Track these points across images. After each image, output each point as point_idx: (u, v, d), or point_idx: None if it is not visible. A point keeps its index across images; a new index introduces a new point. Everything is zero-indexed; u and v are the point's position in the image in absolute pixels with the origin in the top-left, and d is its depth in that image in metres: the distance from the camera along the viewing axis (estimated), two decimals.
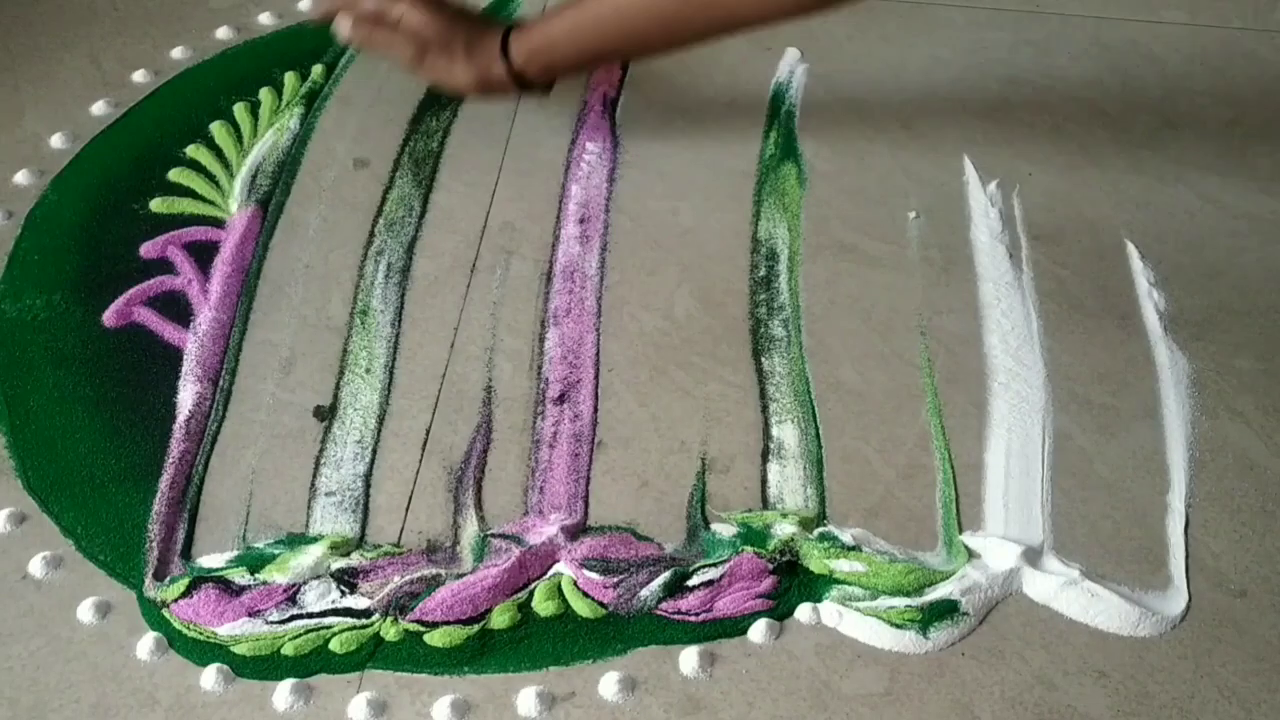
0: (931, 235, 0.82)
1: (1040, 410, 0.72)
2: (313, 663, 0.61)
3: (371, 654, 0.61)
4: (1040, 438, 0.71)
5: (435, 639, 0.62)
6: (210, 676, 0.60)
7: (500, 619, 0.62)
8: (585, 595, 0.63)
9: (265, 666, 0.61)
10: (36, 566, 0.65)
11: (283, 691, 0.60)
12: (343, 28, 0.80)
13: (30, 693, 0.60)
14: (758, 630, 0.62)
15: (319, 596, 0.63)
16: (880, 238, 0.82)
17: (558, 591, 0.64)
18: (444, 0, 0.81)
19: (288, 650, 0.61)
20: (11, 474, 0.69)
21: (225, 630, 0.62)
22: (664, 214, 0.84)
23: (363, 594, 0.62)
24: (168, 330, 0.76)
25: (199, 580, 0.63)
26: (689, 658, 0.61)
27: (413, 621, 0.62)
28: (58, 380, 0.73)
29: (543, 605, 0.63)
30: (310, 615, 0.62)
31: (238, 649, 0.61)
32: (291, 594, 0.63)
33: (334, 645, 0.61)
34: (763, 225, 0.83)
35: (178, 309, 0.77)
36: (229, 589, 0.63)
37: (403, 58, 0.80)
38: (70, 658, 0.61)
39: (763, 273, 0.80)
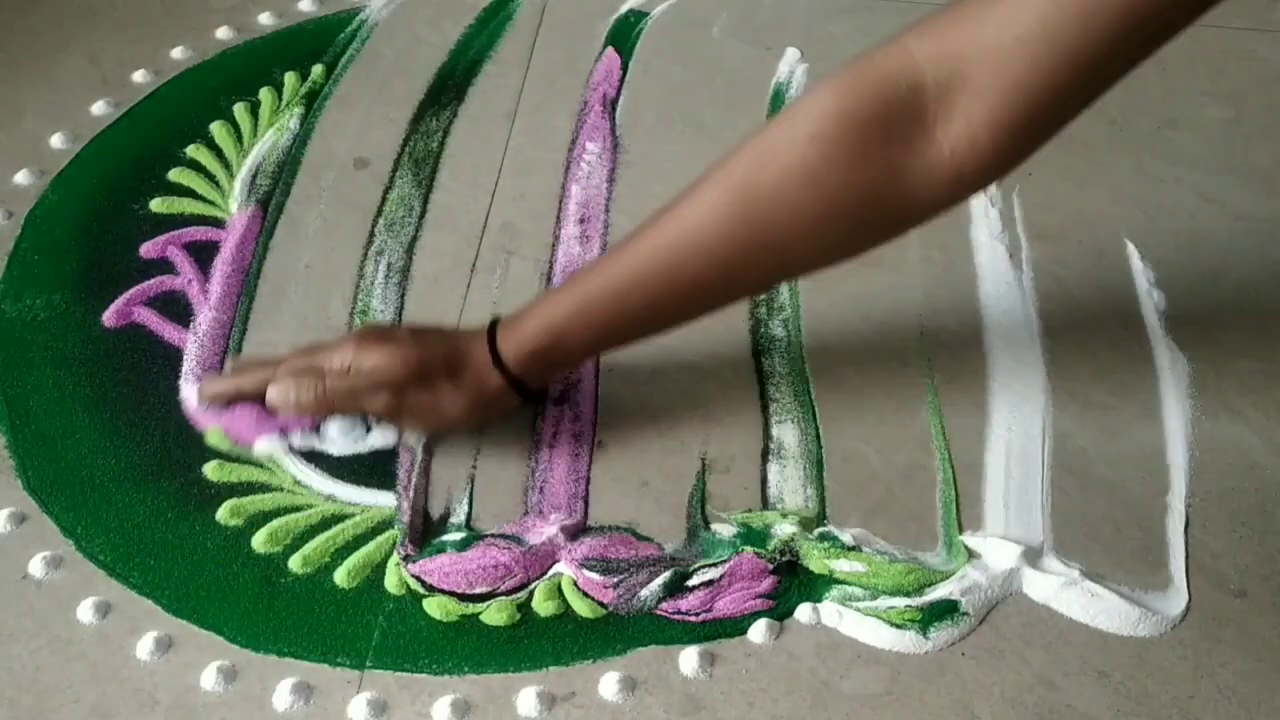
0: (931, 235, 0.82)
1: (1040, 410, 0.72)
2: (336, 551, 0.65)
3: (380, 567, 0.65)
4: (1040, 438, 0.71)
5: (432, 608, 0.63)
6: (210, 676, 0.60)
7: (498, 617, 0.63)
8: (585, 595, 0.63)
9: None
10: (36, 566, 0.65)
11: (282, 691, 0.60)
12: (277, 397, 0.66)
13: (30, 693, 0.60)
14: (758, 630, 0.62)
15: (343, 432, 0.68)
16: None
17: (558, 591, 0.64)
18: (385, 328, 0.69)
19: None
20: (11, 474, 0.69)
21: (260, 446, 0.68)
22: None
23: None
24: (168, 330, 0.76)
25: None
26: (689, 658, 0.61)
27: (415, 576, 0.63)
28: (58, 380, 0.73)
29: (543, 605, 0.63)
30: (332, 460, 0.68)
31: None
32: (317, 424, 0.68)
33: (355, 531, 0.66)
34: None
35: (178, 309, 0.77)
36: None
37: (374, 409, 0.66)
38: (70, 658, 0.61)
39: None
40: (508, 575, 0.64)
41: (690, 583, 0.63)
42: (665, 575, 0.63)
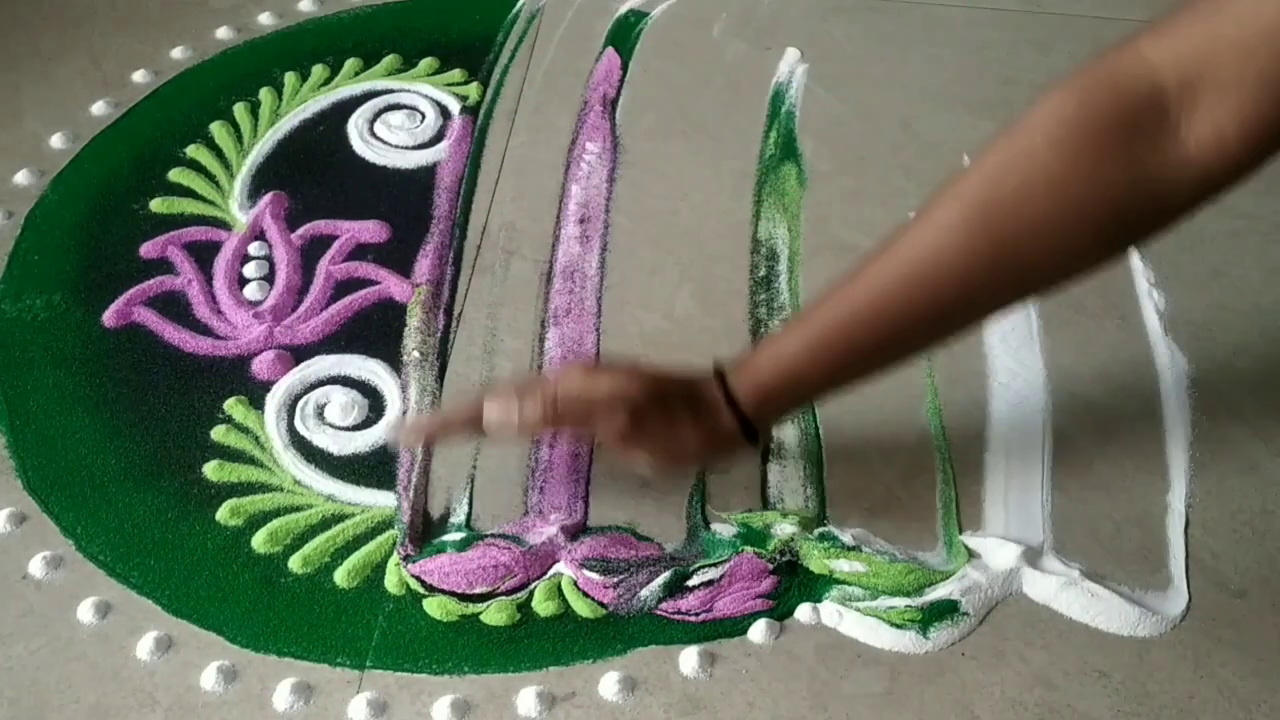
0: None
1: (1040, 410, 0.72)
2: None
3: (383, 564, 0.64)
4: (1040, 438, 0.70)
5: (432, 608, 0.63)
6: (210, 676, 0.60)
7: (498, 617, 0.63)
8: (585, 595, 0.63)
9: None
10: (36, 566, 0.65)
11: (282, 691, 0.60)
12: (498, 414, 0.60)
13: (30, 693, 0.60)
14: (758, 630, 0.62)
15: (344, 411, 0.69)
16: (880, 238, 0.81)
17: (558, 592, 0.64)
18: (611, 358, 0.63)
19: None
20: (11, 474, 0.69)
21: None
22: (664, 214, 0.84)
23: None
24: (168, 330, 0.76)
25: None
26: (689, 658, 0.61)
27: (415, 576, 0.63)
28: (58, 380, 0.73)
29: (542, 605, 0.63)
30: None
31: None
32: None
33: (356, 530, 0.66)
34: (763, 225, 0.83)
35: (178, 309, 0.77)
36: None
37: (610, 430, 0.60)
38: (70, 658, 0.61)
39: (763, 273, 0.80)
40: (508, 575, 0.64)
41: (690, 583, 0.63)
42: (665, 575, 0.63)
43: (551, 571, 0.64)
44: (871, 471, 0.69)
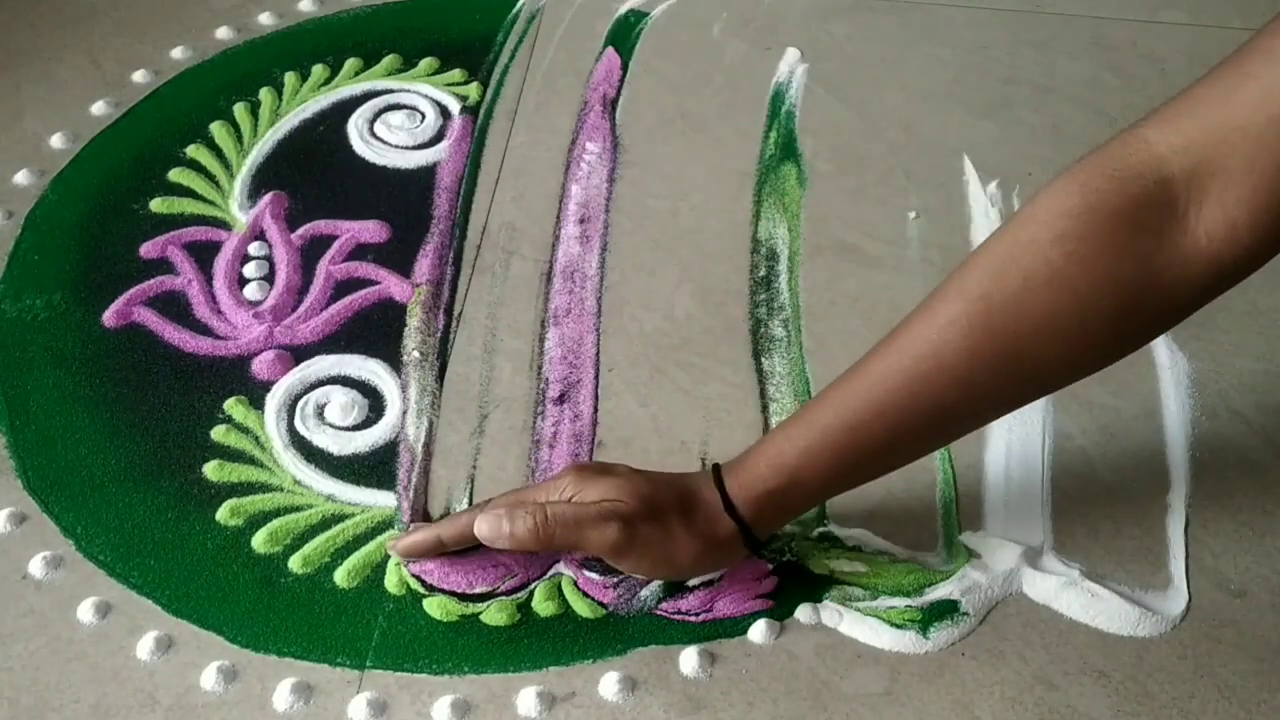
0: (931, 235, 0.82)
1: (1040, 410, 0.72)
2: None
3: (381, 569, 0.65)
4: (1040, 438, 0.70)
5: (432, 608, 0.63)
6: (210, 676, 0.60)
7: (498, 617, 0.63)
8: (585, 596, 0.63)
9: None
10: (36, 566, 0.65)
11: (282, 691, 0.60)
12: (489, 530, 0.59)
13: (30, 693, 0.60)
14: (758, 630, 0.62)
15: (344, 411, 0.70)
16: (880, 238, 0.82)
17: (558, 592, 0.64)
18: (604, 463, 0.62)
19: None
20: (11, 474, 0.69)
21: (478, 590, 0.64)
22: (664, 214, 0.84)
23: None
24: (168, 330, 0.76)
25: None
26: (689, 658, 0.61)
27: (415, 576, 0.63)
28: (58, 380, 0.73)
29: (542, 605, 0.63)
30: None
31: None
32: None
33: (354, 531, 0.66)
34: (763, 225, 0.83)
35: (178, 309, 0.77)
36: None
37: (601, 543, 0.58)
38: (70, 658, 0.61)
39: (763, 273, 0.80)
40: (508, 575, 0.64)
41: (690, 583, 0.63)
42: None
43: (551, 572, 0.64)
44: None
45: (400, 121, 0.89)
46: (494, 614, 0.63)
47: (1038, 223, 0.53)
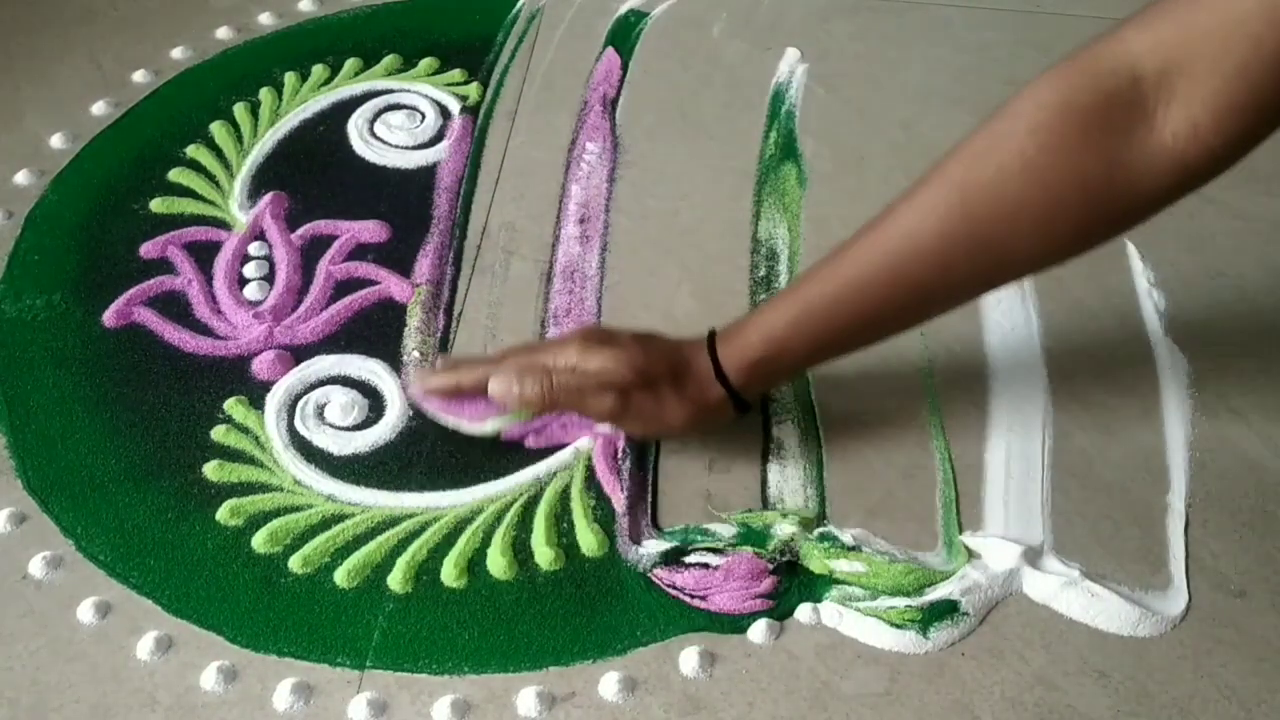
0: None
1: (1040, 410, 0.72)
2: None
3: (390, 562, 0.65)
4: (1040, 438, 0.70)
5: (448, 573, 0.64)
6: (210, 676, 0.60)
7: (499, 564, 0.64)
8: (593, 518, 0.66)
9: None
10: (36, 566, 0.65)
11: (282, 691, 0.60)
12: (500, 389, 0.65)
13: (30, 693, 0.60)
14: (758, 630, 0.62)
15: (344, 411, 0.71)
16: None
17: (564, 503, 0.66)
18: (609, 330, 0.67)
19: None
20: (11, 474, 0.69)
21: (490, 426, 0.68)
22: (664, 214, 0.84)
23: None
24: (168, 330, 0.76)
25: None
26: (689, 658, 0.61)
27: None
28: (58, 380, 0.73)
29: (541, 551, 0.65)
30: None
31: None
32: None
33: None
34: (763, 225, 0.83)
35: (178, 309, 0.77)
36: None
37: (598, 410, 0.65)
38: (70, 658, 0.61)
39: (763, 273, 0.80)
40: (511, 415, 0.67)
41: (687, 560, 0.64)
42: (665, 545, 0.64)
43: (580, 442, 0.68)
44: (871, 471, 0.69)
45: (400, 121, 0.89)
46: (492, 556, 0.65)
47: (1016, 115, 0.56)
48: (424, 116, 0.90)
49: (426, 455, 0.70)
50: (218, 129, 0.89)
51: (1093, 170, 0.54)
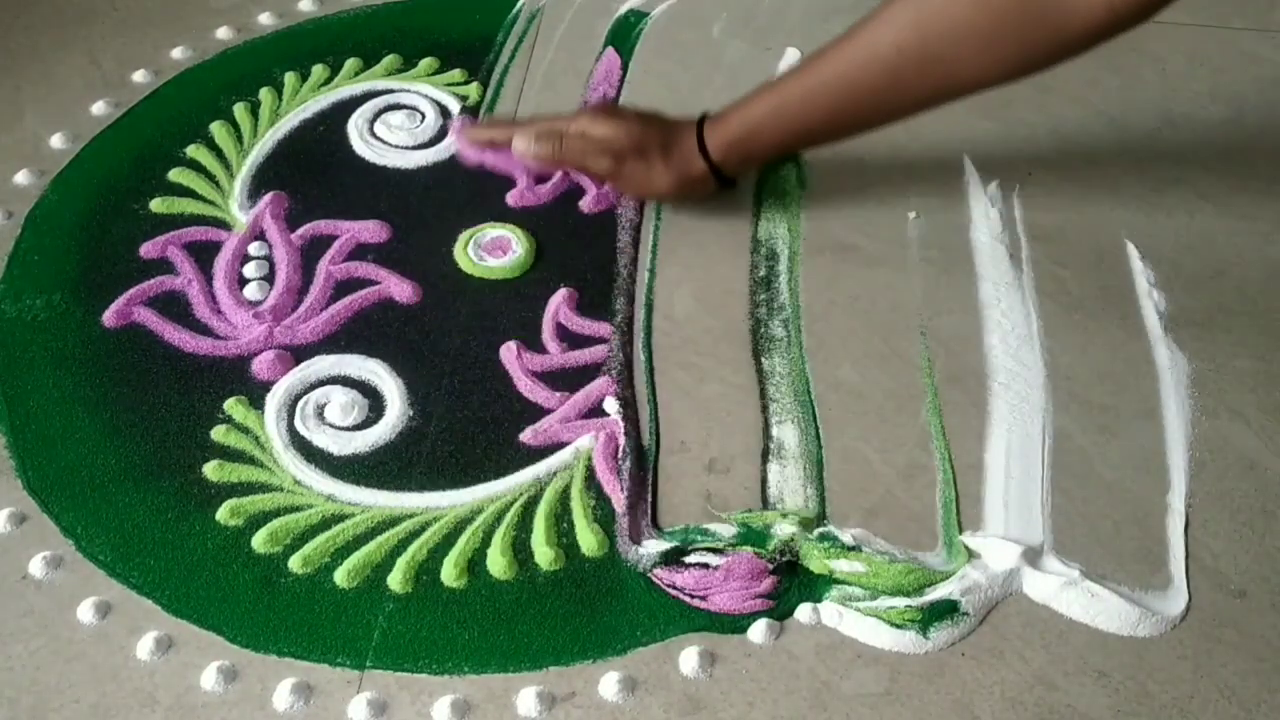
0: (931, 235, 0.82)
1: (1040, 410, 0.72)
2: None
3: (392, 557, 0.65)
4: (1040, 438, 0.70)
5: (448, 573, 0.64)
6: (210, 676, 0.60)
7: (499, 564, 0.64)
8: (595, 511, 0.66)
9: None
10: (36, 566, 0.65)
11: (282, 691, 0.60)
12: (521, 145, 0.77)
13: (30, 693, 0.60)
14: (758, 630, 0.62)
15: (344, 412, 0.71)
16: (880, 238, 0.82)
17: (564, 500, 0.66)
18: (618, 107, 0.79)
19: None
20: (11, 474, 0.69)
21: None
22: (664, 213, 0.84)
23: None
24: (168, 330, 0.76)
25: None
26: (689, 658, 0.61)
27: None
28: (58, 380, 0.73)
29: (541, 551, 0.65)
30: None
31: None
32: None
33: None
34: (763, 225, 0.83)
35: (178, 309, 0.77)
36: None
37: (597, 169, 0.78)
38: (70, 658, 0.61)
39: (763, 273, 0.80)
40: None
41: (687, 560, 0.64)
42: (665, 545, 0.64)
43: (580, 441, 0.69)
44: (871, 471, 0.69)
45: (400, 121, 0.89)
46: (491, 554, 0.65)
47: None
48: (424, 116, 0.90)
49: (426, 455, 0.70)
50: (218, 129, 0.89)
51: (1030, 9, 0.63)
